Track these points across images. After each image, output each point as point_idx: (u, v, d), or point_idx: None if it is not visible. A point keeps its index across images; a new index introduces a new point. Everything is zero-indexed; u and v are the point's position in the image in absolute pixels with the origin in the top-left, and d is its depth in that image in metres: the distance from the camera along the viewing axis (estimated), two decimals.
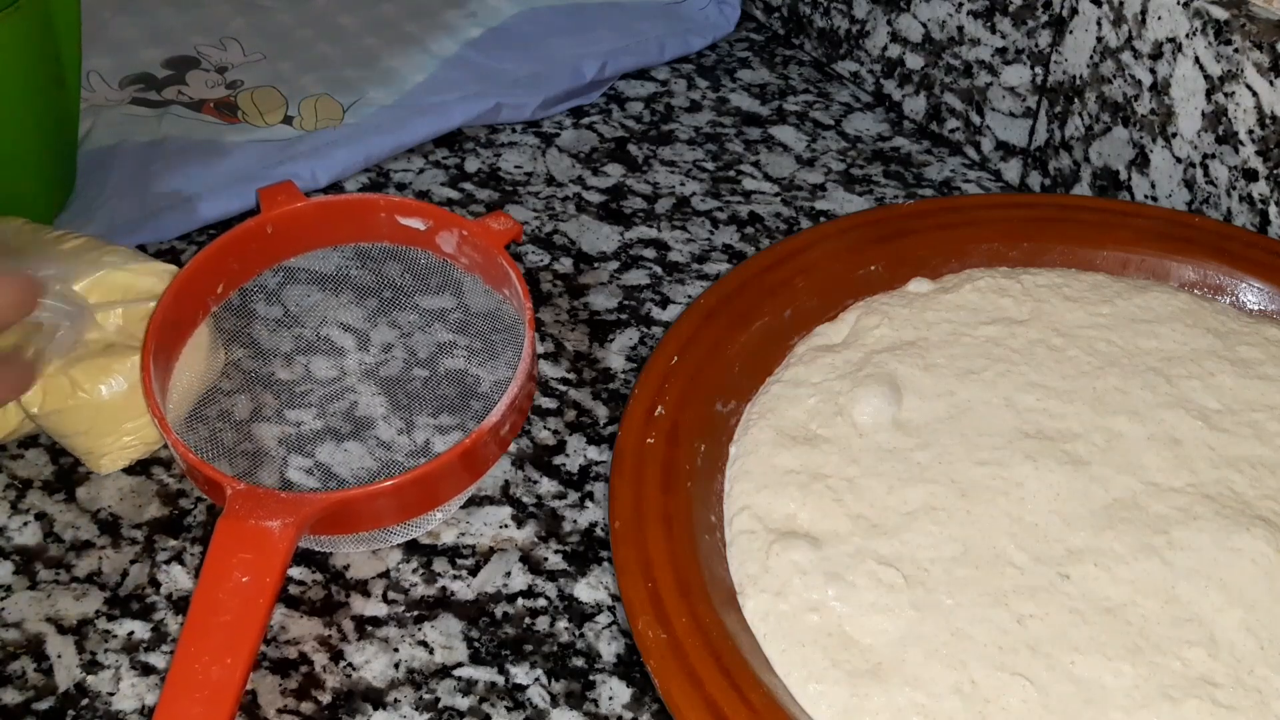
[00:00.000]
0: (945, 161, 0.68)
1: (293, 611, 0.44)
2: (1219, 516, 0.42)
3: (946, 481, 0.44)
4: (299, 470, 0.49)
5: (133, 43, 0.73)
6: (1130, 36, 0.57)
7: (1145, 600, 0.40)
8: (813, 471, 0.45)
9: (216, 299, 0.52)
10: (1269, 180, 0.54)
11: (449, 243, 0.52)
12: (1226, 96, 0.54)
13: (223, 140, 0.65)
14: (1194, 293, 0.52)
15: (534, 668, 0.43)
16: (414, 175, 0.66)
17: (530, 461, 0.50)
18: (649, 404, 0.45)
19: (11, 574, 0.45)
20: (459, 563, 0.46)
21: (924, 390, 0.47)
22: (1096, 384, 0.47)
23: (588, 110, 0.71)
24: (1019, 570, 0.41)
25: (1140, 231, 0.54)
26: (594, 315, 0.57)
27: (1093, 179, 0.62)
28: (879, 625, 0.40)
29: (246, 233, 0.52)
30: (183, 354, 0.49)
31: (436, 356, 0.53)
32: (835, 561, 0.41)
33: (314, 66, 0.72)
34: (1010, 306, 0.51)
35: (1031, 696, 0.38)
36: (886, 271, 0.53)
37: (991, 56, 0.65)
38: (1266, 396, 0.47)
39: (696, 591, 0.40)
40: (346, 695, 0.42)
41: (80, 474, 0.49)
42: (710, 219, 0.63)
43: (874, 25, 0.72)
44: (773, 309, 0.50)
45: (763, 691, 0.37)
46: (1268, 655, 0.39)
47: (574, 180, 0.66)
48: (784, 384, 0.48)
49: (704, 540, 0.42)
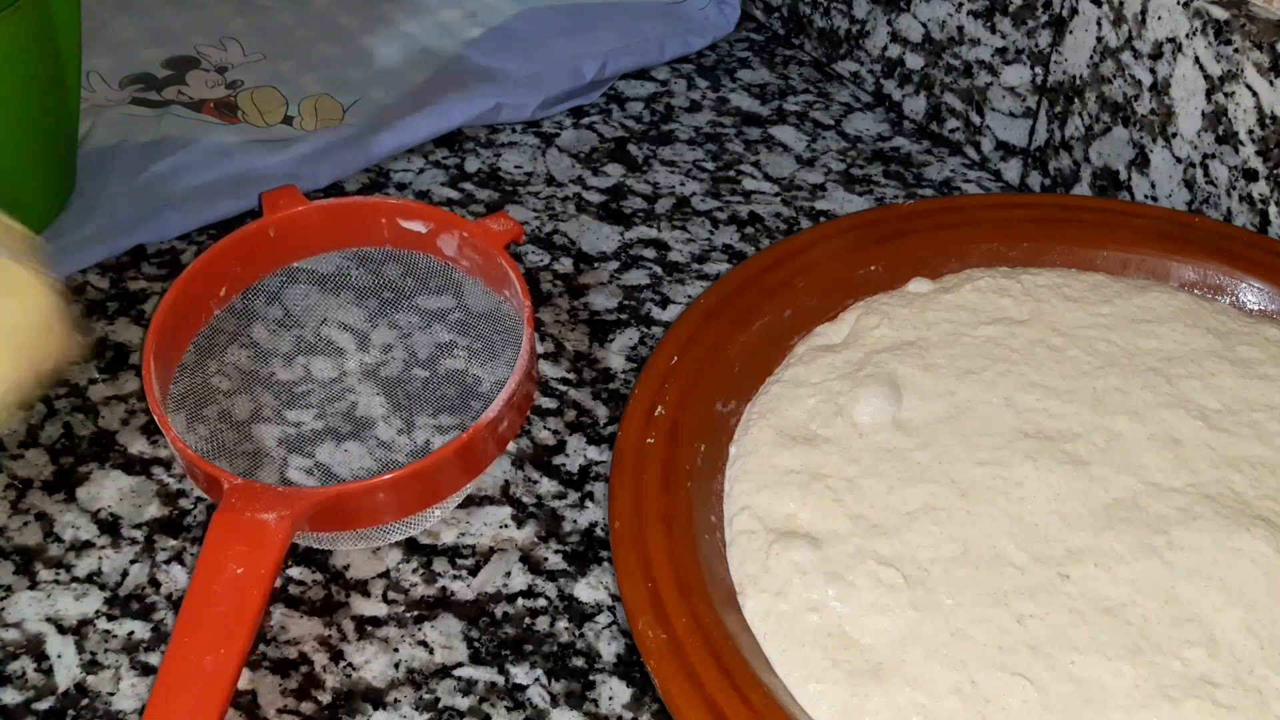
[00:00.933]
0: (945, 161, 0.68)
1: (293, 611, 0.44)
2: (1219, 516, 0.42)
3: (946, 481, 0.44)
4: (299, 470, 0.49)
5: (133, 43, 0.73)
6: (1130, 36, 0.57)
7: (1145, 600, 0.40)
8: (813, 471, 0.45)
9: (219, 302, 0.52)
10: (1269, 180, 0.54)
11: (450, 245, 0.52)
12: (1226, 96, 0.54)
13: (223, 140, 0.65)
14: (1194, 293, 0.52)
15: (534, 668, 0.43)
16: (414, 175, 0.66)
17: (530, 461, 0.50)
18: (649, 404, 0.45)
19: (11, 574, 0.45)
20: (459, 563, 0.46)
21: (924, 390, 0.47)
22: (1096, 384, 0.47)
23: (588, 110, 0.72)
24: (1019, 570, 0.41)
25: (1140, 231, 0.54)
26: (594, 315, 0.57)
27: (1093, 179, 0.62)
28: (879, 625, 0.40)
29: (248, 236, 0.52)
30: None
31: (436, 357, 0.53)
32: (835, 561, 0.41)
33: (314, 66, 0.72)
34: (1010, 306, 0.51)
35: (1031, 696, 0.38)
36: (886, 271, 0.53)
37: (991, 56, 0.65)
38: (1266, 396, 0.47)
39: (696, 591, 0.40)
40: (346, 695, 0.42)
41: (80, 474, 0.49)
42: (710, 219, 0.63)
43: (874, 25, 0.72)
44: (773, 309, 0.50)
45: (763, 691, 0.37)
46: (1268, 655, 0.39)
47: (574, 180, 0.66)
48: (784, 384, 0.48)
49: (704, 540, 0.42)
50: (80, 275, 0.58)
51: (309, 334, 0.54)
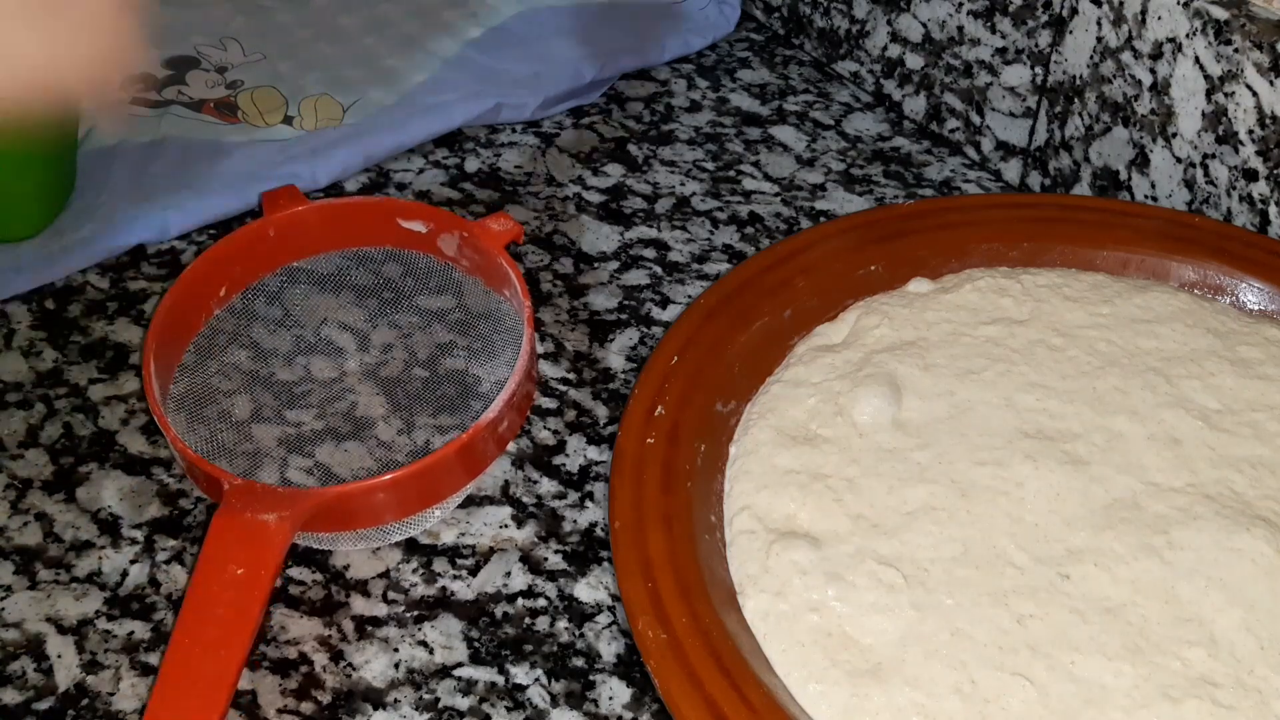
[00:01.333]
0: (945, 161, 0.68)
1: (293, 611, 0.44)
2: (1219, 516, 0.42)
3: (946, 481, 0.44)
4: (299, 470, 0.49)
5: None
6: (1130, 36, 0.57)
7: (1145, 600, 0.40)
8: (813, 471, 0.45)
9: (219, 302, 0.52)
10: (1269, 180, 0.54)
11: (450, 245, 0.52)
12: (1226, 96, 0.54)
13: (223, 140, 0.65)
14: (1194, 293, 0.52)
15: (534, 668, 0.43)
16: (414, 175, 0.66)
17: (530, 461, 0.50)
18: (649, 404, 0.45)
19: (11, 574, 0.45)
20: (459, 563, 0.46)
21: (924, 390, 0.47)
22: (1096, 384, 0.47)
23: (588, 110, 0.71)
24: (1019, 570, 0.41)
25: (1140, 231, 0.54)
26: (594, 315, 0.57)
27: (1093, 179, 0.62)
28: (879, 625, 0.40)
29: (249, 236, 0.52)
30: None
31: (436, 357, 0.53)
32: (835, 561, 0.41)
33: (314, 66, 0.72)
34: (1010, 306, 0.51)
35: (1031, 696, 0.38)
36: (886, 271, 0.53)
37: (991, 56, 0.65)
38: (1266, 396, 0.47)
39: (696, 591, 0.40)
40: (346, 695, 0.42)
41: (80, 474, 0.49)
42: (710, 219, 0.63)
43: (874, 25, 0.72)
44: (773, 309, 0.50)
45: (763, 691, 0.37)
46: (1268, 655, 0.39)
47: (574, 180, 0.66)
48: (784, 384, 0.48)
49: (704, 540, 0.42)
50: (80, 275, 0.58)
51: (309, 334, 0.54)
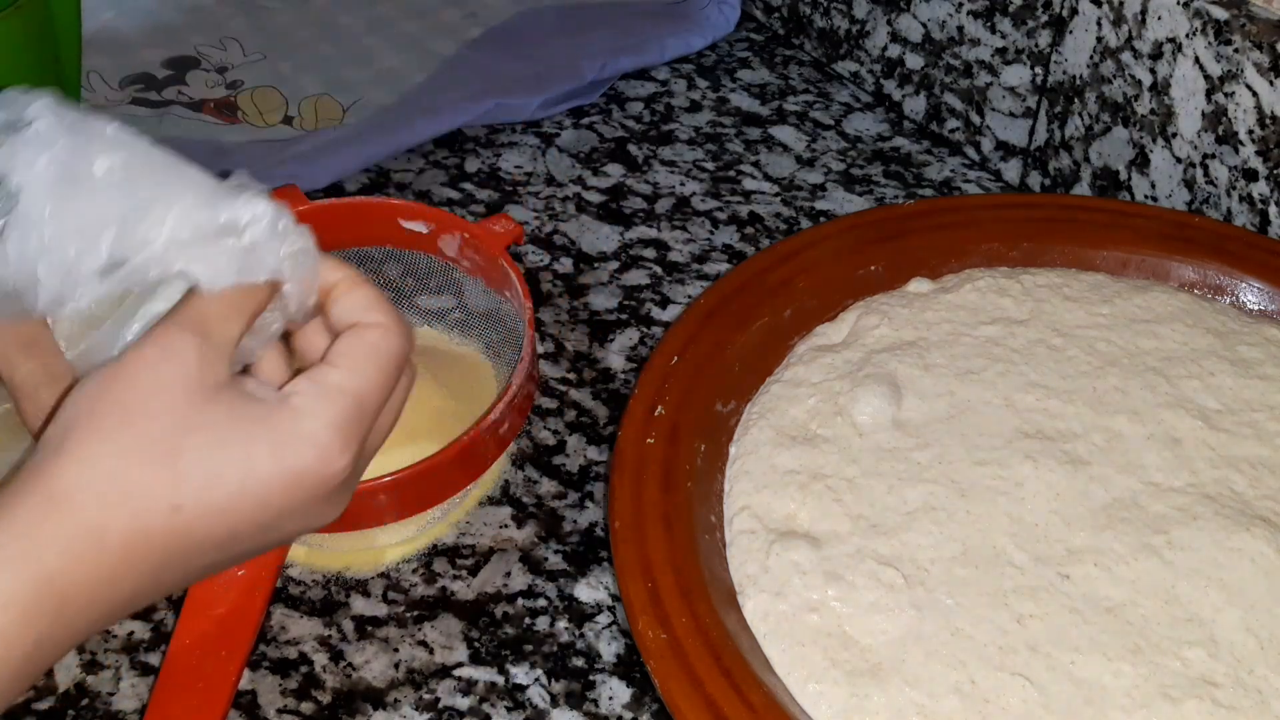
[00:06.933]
0: (945, 161, 0.68)
1: (293, 611, 0.44)
2: (1219, 516, 0.42)
3: (946, 481, 0.44)
4: None
5: (133, 43, 0.73)
6: (1130, 36, 0.57)
7: (1145, 600, 0.40)
8: (813, 471, 0.45)
9: None
10: (1269, 180, 0.54)
11: (451, 246, 0.52)
12: (1226, 96, 0.54)
13: (223, 140, 0.65)
14: (1194, 293, 0.52)
15: (534, 668, 0.43)
16: (414, 175, 0.66)
17: (530, 461, 0.50)
18: (649, 404, 0.45)
19: None
20: (459, 563, 0.46)
21: (924, 390, 0.47)
22: (1096, 384, 0.47)
23: (588, 110, 0.71)
24: (1019, 570, 0.41)
25: (1140, 232, 0.54)
26: (594, 315, 0.57)
27: (1093, 179, 0.62)
28: (879, 625, 0.40)
29: None
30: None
31: None
32: (835, 561, 0.41)
33: (314, 66, 0.72)
34: (1010, 306, 0.51)
35: (1031, 696, 0.38)
36: (886, 271, 0.53)
37: (991, 56, 0.65)
38: (1266, 396, 0.47)
39: (696, 591, 0.40)
40: (346, 695, 0.42)
41: None
42: (710, 219, 0.63)
43: (874, 25, 0.72)
44: (773, 309, 0.50)
45: (763, 691, 0.37)
46: (1268, 655, 0.39)
47: (574, 180, 0.66)
48: (784, 384, 0.48)
49: (704, 540, 0.42)
50: None
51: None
